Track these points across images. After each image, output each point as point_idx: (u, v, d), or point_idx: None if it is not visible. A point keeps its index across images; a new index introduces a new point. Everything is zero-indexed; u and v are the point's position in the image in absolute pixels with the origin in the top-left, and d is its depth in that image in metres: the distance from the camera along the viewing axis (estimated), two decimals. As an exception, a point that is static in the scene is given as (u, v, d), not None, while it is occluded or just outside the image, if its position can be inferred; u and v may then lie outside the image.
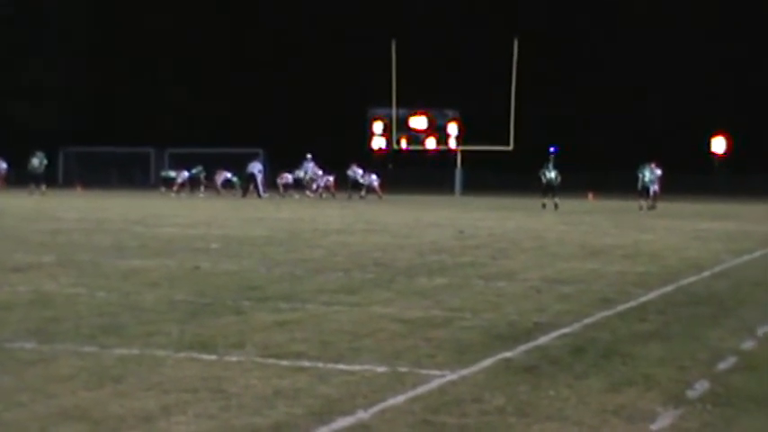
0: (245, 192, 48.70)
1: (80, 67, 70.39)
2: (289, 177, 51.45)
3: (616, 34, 67.92)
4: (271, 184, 52.62)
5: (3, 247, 17.04)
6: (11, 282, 12.30)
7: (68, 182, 61.53)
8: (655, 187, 42.91)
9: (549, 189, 41.72)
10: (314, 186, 51.26)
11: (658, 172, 44.18)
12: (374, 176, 51.06)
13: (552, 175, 42.36)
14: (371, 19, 67.58)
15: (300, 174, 51.28)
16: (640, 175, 42.77)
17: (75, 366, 7.45)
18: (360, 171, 52.23)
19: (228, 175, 52.68)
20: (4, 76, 67.44)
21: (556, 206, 39.74)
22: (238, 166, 52.14)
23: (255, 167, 49.70)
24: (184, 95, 69.57)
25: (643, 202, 41.24)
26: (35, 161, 49.25)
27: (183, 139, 59.29)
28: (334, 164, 52.21)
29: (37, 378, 7.06)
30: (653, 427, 6.16)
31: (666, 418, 6.33)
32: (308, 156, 51.67)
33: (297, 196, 49.75)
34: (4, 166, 52.54)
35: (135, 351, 8.06)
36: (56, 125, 65.88)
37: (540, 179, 42.67)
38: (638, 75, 67.45)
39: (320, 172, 51.30)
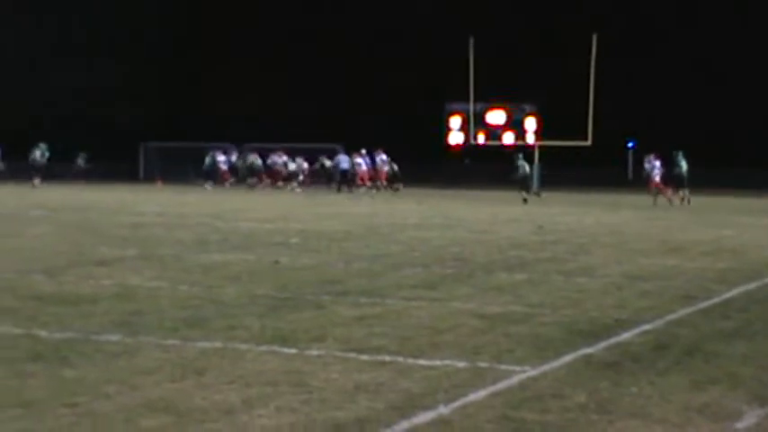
0: (339, 186, 48.23)
1: (162, 63, 71.24)
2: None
3: (696, 26, 67.02)
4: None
5: (87, 241, 17.33)
6: (96, 275, 12.50)
7: (149, 177, 62.34)
8: (687, 179, 40.86)
9: (524, 182, 41.84)
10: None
11: (657, 163, 43.18)
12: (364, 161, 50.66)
13: (526, 168, 42.69)
14: (450, 15, 67.45)
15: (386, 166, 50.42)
16: (678, 167, 40.90)
17: (158, 359, 7.57)
18: (365, 159, 51.51)
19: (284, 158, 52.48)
20: (86, 73, 68.51)
21: (525, 200, 39.35)
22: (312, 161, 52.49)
23: (345, 162, 49.17)
24: (263, 91, 70.04)
25: (681, 194, 39.73)
26: (37, 153, 48.60)
27: (260, 136, 59.64)
28: (411, 159, 52.11)
29: (122, 370, 7.18)
30: (738, 425, 6.08)
31: (752, 417, 6.25)
32: (380, 152, 51.14)
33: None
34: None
35: (217, 344, 8.16)
36: (137, 120, 66.76)
37: (518, 171, 42.61)
38: (720, 68, 66.51)
39: (385, 158, 50.26)
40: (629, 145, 67.66)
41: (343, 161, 49.51)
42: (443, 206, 34.37)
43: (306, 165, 52.57)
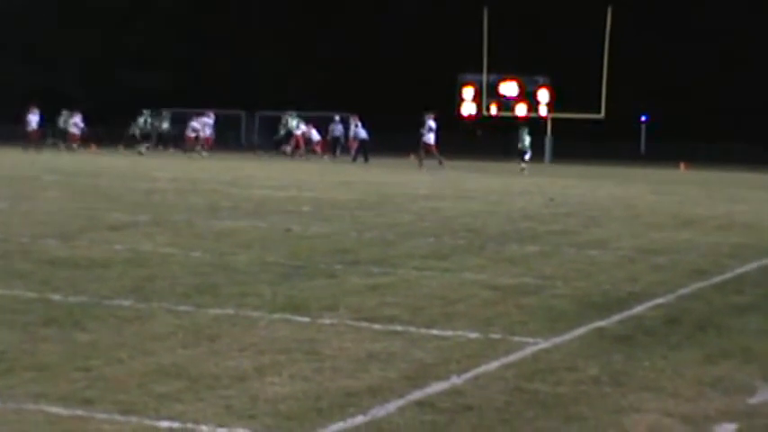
0: (357, 157, 47.84)
1: (173, 31, 71.11)
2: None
3: (712, 2, 66.58)
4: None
5: (100, 206, 17.34)
6: (108, 240, 12.52)
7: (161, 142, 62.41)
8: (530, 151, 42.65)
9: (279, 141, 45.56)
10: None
11: (433, 125, 43.51)
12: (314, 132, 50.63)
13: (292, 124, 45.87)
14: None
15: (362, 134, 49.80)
16: (521, 143, 42.36)
17: (171, 325, 7.58)
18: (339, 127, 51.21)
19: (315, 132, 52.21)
20: (109, 40, 68.74)
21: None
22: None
23: (362, 133, 48.82)
24: (274, 60, 69.91)
25: (524, 165, 40.97)
26: (140, 120, 50.66)
27: (273, 104, 59.55)
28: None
29: (135, 335, 7.19)
30: (752, 400, 6.06)
31: (765, 392, 6.24)
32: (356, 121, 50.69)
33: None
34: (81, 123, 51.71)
35: (229, 311, 8.17)
36: (151, 86, 66.72)
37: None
38: (735, 43, 66.15)
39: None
40: (642, 119, 67.45)
41: (362, 131, 49.10)
42: (455, 177, 34.33)
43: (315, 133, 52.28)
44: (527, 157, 41.87)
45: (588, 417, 5.62)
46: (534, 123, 59.30)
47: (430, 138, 43.31)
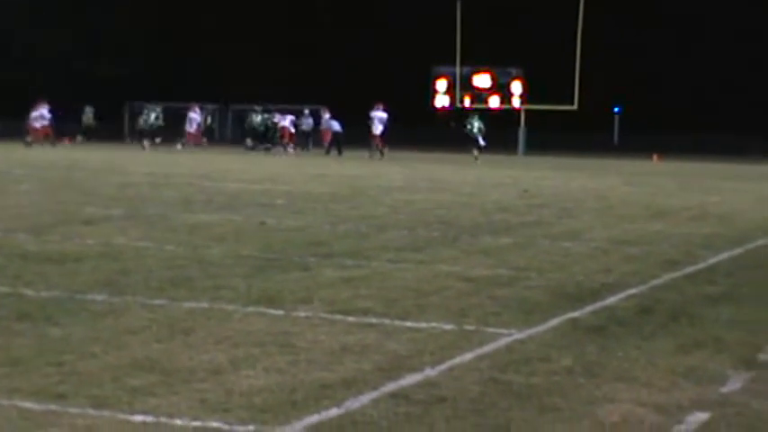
0: (331, 149, 47.76)
1: (140, 23, 70.78)
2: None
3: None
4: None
5: (73, 200, 17.26)
6: (81, 234, 12.46)
7: (133, 136, 62.10)
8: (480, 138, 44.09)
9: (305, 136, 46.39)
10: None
11: (384, 115, 44.31)
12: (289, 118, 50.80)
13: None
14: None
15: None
16: (469, 126, 44.41)
17: (145, 318, 7.56)
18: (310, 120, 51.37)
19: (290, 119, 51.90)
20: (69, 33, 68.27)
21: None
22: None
23: (335, 125, 48.82)
24: (246, 53, 69.68)
25: (476, 152, 42.74)
26: (152, 116, 50.08)
27: (246, 97, 59.37)
28: (396, 122, 51.95)
29: (108, 329, 7.17)
30: (723, 389, 6.11)
31: (737, 381, 6.29)
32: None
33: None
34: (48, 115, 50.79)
35: (204, 304, 8.15)
36: (119, 80, 66.41)
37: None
38: (709, 35, 66.44)
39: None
40: (615, 110, 67.70)
41: (333, 124, 49.14)
42: (429, 169, 34.35)
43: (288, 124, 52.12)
44: (481, 143, 43.18)
45: (562, 407, 5.64)
46: (508, 115, 59.53)
47: (376, 129, 43.98)
